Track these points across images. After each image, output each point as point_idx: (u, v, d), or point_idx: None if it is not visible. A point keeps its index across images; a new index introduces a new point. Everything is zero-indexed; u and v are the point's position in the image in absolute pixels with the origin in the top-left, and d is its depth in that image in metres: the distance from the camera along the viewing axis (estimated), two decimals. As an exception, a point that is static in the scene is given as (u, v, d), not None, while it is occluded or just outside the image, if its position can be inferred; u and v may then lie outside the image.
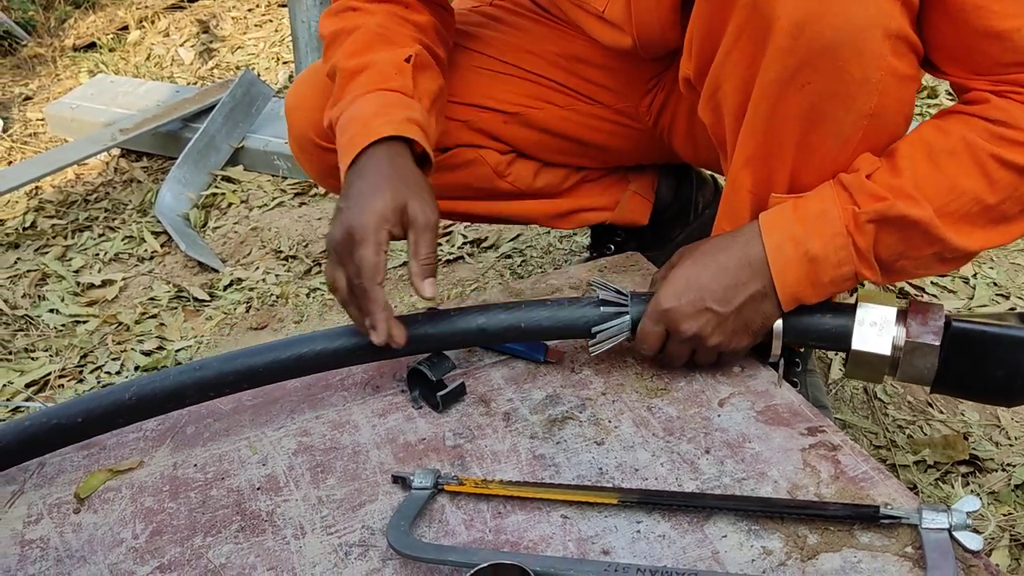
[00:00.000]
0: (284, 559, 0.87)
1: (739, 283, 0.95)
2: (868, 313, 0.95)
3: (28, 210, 2.45)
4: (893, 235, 0.91)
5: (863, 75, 0.86)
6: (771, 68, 0.88)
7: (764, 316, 0.97)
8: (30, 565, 0.90)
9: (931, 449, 1.29)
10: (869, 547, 0.81)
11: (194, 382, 1.00)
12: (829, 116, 0.89)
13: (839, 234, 0.91)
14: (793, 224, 0.93)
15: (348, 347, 1.02)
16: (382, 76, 1.07)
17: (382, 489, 0.94)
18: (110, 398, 0.99)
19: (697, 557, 0.82)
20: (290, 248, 2.10)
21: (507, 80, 1.30)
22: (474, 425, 1.02)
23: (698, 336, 0.97)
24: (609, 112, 1.34)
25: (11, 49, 3.56)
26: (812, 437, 0.94)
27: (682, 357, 1.01)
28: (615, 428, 0.99)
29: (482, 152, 1.31)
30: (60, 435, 0.99)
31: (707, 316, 0.96)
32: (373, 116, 1.02)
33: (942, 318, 0.93)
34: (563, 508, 0.89)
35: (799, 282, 0.94)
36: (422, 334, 1.02)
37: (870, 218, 0.90)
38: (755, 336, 0.99)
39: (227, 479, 0.98)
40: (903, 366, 0.94)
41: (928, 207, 0.89)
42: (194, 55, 3.32)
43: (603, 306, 1.01)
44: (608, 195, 1.45)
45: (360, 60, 1.08)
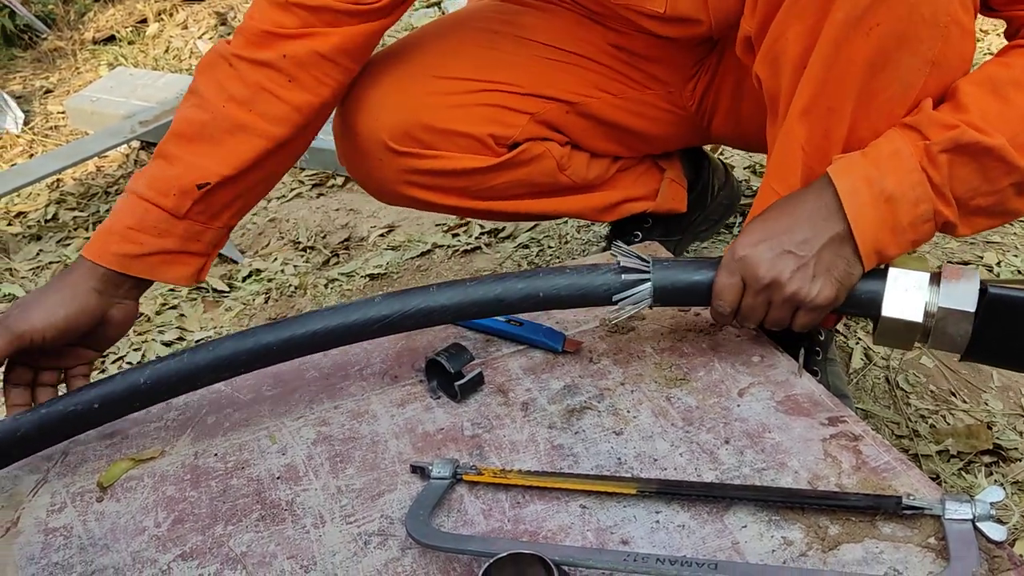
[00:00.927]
0: (304, 548, 0.88)
1: (817, 226, 0.90)
2: (899, 278, 0.91)
3: (50, 202, 2.47)
4: (968, 166, 0.87)
5: (932, 15, 0.85)
6: (841, 8, 0.86)
7: (847, 262, 0.91)
8: (53, 553, 0.91)
9: (954, 439, 1.28)
10: (891, 538, 0.80)
11: (209, 363, 0.98)
12: (893, 60, 0.87)
13: (914, 170, 0.87)
14: (865, 166, 0.89)
15: (362, 321, 0.99)
16: (161, 188, 1.06)
17: (401, 479, 0.95)
18: (126, 383, 0.99)
19: (717, 547, 0.82)
20: (308, 239, 2.11)
21: (566, 68, 1.28)
22: (492, 415, 1.02)
23: (776, 282, 0.91)
24: (657, 98, 1.32)
25: (32, 43, 3.59)
26: (833, 427, 0.94)
27: (758, 312, 0.94)
28: (634, 418, 0.98)
29: (548, 146, 1.30)
30: (77, 422, 0.99)
31: (785, 259, 0.90)
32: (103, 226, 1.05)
33: (977, 283, 0.89)
34: (582, 498, 0.89)
35: (877, 226, 0.89)
36: (438, 307, 0.99)
37: (943, 148, 0.87)
38: (838, 286, 0.91)
39: (247, 468, 0.99)
40: (935, 334, 0.90)
41: (1000, 136, 0.86)
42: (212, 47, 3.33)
43: (624, 273, 0.98)
44: (645, 184, 1.44)
45: (169, 147, 1.08)
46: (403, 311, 0.99)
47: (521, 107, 1.25)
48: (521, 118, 1.25)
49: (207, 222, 1.09)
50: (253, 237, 2.18)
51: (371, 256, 2.00)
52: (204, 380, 1.00)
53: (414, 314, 0.99)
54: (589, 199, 1.38)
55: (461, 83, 1.23)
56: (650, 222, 1.55)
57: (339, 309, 1.00)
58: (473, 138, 1.23)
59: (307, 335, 0.99)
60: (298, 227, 2.16)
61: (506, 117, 1.24)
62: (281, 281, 1.97)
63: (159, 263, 1.07)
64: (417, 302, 0.99)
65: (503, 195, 1.30)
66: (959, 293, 0.89)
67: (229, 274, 2.03)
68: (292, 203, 2.29)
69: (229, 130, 1.07)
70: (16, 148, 2.85)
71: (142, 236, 1.05)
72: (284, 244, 2.12)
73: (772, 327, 0.96)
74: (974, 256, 1.65)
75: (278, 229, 2.18)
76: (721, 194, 1.62)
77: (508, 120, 1.24)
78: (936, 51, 0.87)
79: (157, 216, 1.05)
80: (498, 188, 1.29)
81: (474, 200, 1.30)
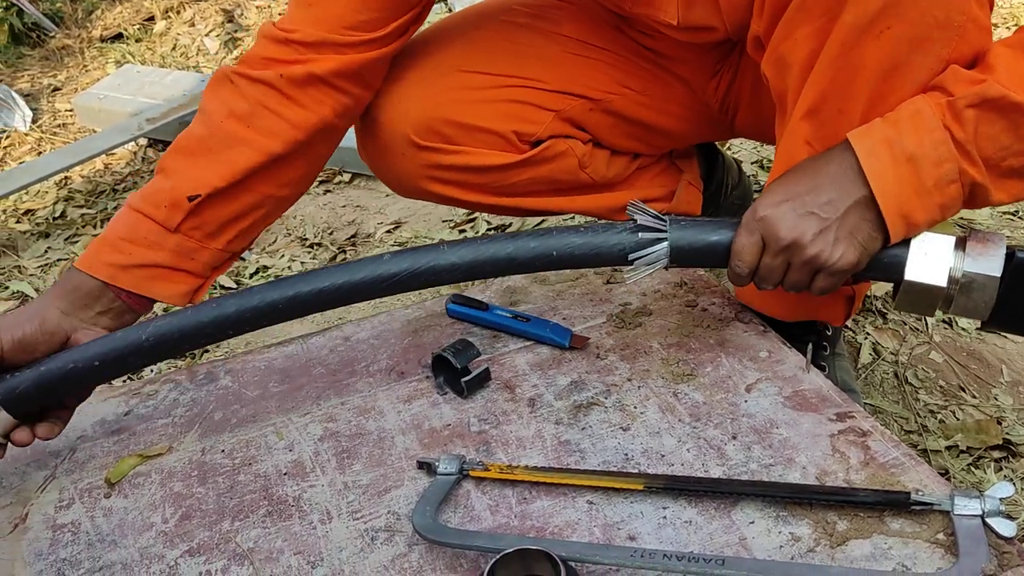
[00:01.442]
0: (311, 543, 0.88)
1: (841, 188, 0.87)
2: (924, 241, 0.88)
3: (58, 200, 2.48)
4: (996, 123, 0.84)
5: (947, 17, 0.83)
6: (850, 11, 0.85)
7: (871, 227, 0.87)
8: (62, 549, 0.92)
9: (963, 434, 1.27)
10: (900, 533, 0.80)
11: (212, 320, 0.96)
12: (905, 63, 0.86)
13: (936, 128, 0.84)
14: (884, 128, 0.86)
15: (370, 279, 0.97)
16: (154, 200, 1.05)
17: (407, 475, 0.95)
18: (127, 340, 0.96)
19: (724, 543, 0.81)
20: (315, 235, 2.11)
21: (591, 64, 1.27)
22: (499, 411, 1.02)
23: (797, 243, 0.88)
24: (680, 95, 1.32)
25: (40, 41, 3.60)
26: (841, 423, 0.93)
27: (776, 274, 0.91)
28: (641, 414, 0.98)
29: (571, 143, 1.29)
30: (76, 378, 0.96)
31: (809, 220, 0.87)
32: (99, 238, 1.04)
33: (1004, 248, 0.87)
34: (589, 494, 0.89)
35: (900, 187, 0.85)
36: (448, 265, 0.97)
37: (969, 102, 0.83)
38: (860, 251, 0.88)
39: (254, 464, 0.99)
40: (959, 300, 0.88)
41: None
42: (219, 44, 3.34)
43: (641, 232, 0.95)
44: (662, 185, 1.43)
45: (168, 161, 1.07)
46: (412, 269, 0.96)
47: (545, 104, 1.25)
48: (545, 115, 1.25)
49: (202, 240, 1.07)
50: (260, 234, 2.19)
51: (378, 252, 2.00)
52: (208, 338, 0.97)
53: (423, 272, 0.97)
54: (606, 198, 1.37)
55: (485, 78, 1.22)
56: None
57: (346, 267, 0.98)
58: (497, 134, 1.23)
59: (313, 292, 0.96)
60: (305, 223, 2.16)
61: (530, 114, 1.24)
62: (288, 278, 1.97)
63: (148, 277, 1.05)
64: (427, 260, 0.96)
65: (523, 192, 1.29)
66: (985, 258, 0.86)
67: (236, 271, 2.04)
68: (299, 200, 2.29)
69: (226, 143, 1.07)
70: (24, 146, 2.85)
71: (133, 247, 1.03)
72: (291, 240, 2.12)
73: (790, 289, 0.93)
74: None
75: (285, 226, 2.18)
76: (734, 193, 1.61)
77: (532, 117, 1.23)
78: (951, 49, 0.85)
79: (148, 228, 1.04)
80: (519, 185, 1.28)
81: (494, 196, 1.29)
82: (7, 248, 2.27)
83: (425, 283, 0.97)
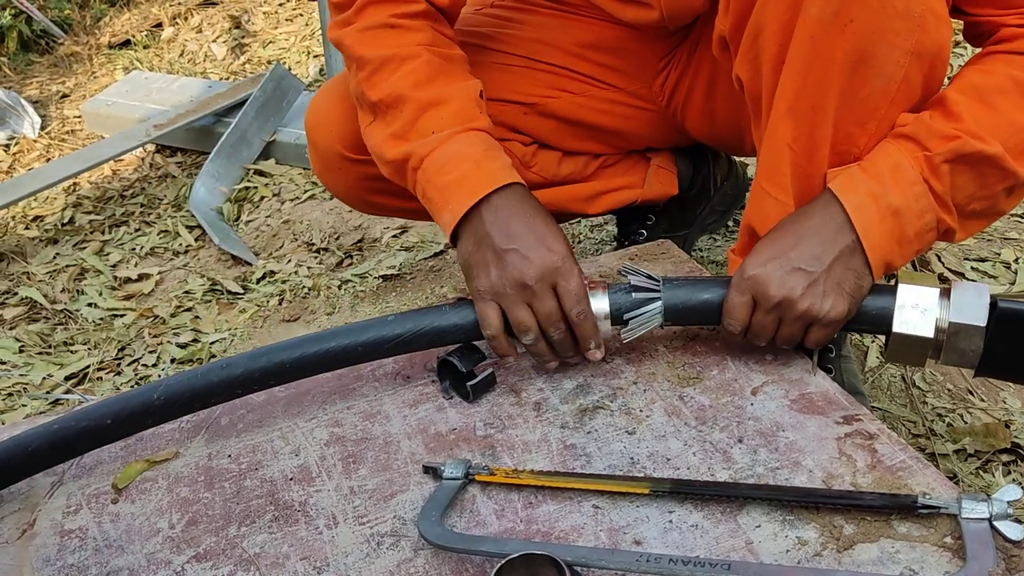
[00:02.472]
0: (317, 549, 0.88)
1: (826, 241, 0.91)
2: (909, 294, 0.91)
3: (66, 206, 2.49)
4: (967, 174, 0.89)
5: (906, 8, 0.86)
6: (814, 4, 0.87)
7: (856, 275, 0.91)
8: (69, 555, 0.92)
9: (971, 437, 1.26)
10: (907, 537, 0.79)
11: (221, 380, 0.99)
12: (872, 55, 0.88)
13: (916, 182, 0.89)
14: (868, 182, 0.91)
15: (375, 340, 1.01)
16: (467, 115, 1.05)
17: (413, 479, 0.95)
18: (139, 399, 0.99)
19: (730, 547, 0.81)
20: (322, 240, 2.12)
21: (522, 73, 1.30)
22: (505, 415, 1.02)
23: (787, 300, 0.91)
24: (623, 95, 1.33)
25: (48, 48, 3.62)
26: (848, 426, 0.93)
27: (769, 330, 0.95)
28: (647, 417, 0.98)
29: (507, 145, 1.30)
30: (90, 438, 0.99)
31: (796, 276, 0.91)
32: (486, 159, 1.02)
33: (988, 297, 0.90)
34: (594, 498, 0.89)
35: (886, 239, 0.90)
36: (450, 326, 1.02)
37: (945, 159, 0.88)
38: (850, 300, 0.92)
39: (260, 469, 0.99)
40: (947, 349, 0.91)
41: (996, 143, 0.88)
42: (226, 50, 3.35)
43: (635, 292, 0.99)
44: (632, 175, 1.44)
45: (431, 92, 1.05)
46: (416, 330, 1.01)
47: None
48: None
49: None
50: (267, 239, 2.19)
51: (384, 257, 2.00)
52: (217, 398, 1.01)
53: (426, 333, 1.01)
54: (568, 191, 1.38)
55: None
56: (653, 219, 1.55)
57: (350, 329, 1.02)
58: None
59: (320, 354, 1.00)
60: (312, 229, 2.17)
61: None
62: (295, 283, 1.97)
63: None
64: (428, 321, 1.01)
65: None
66: (970, 307, 0.90)
67: (243, 276, 2.04)
68: (305, 205, 2.29)
69: (448, 69, 1.09)
70: (33, 152, 2.87)
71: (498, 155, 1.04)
72: (298, 246, 2.13)
73: (783, 344, 0.97)
74: (991, 252, 1.64)
75: (292, 231, 2.19)
76: (726, 184, 1.61)
77: None
78: (913, 41, 0.88)
79: (491, 141, 1.06)
80: None
81: None
82: (16, 254, 2.28)
83: (429, 344, 1.03)
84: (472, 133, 1.04)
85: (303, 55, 3.22)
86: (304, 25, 3.43)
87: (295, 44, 3.31)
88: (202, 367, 1.02)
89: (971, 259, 1.62)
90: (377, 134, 1.09)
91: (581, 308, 0.98)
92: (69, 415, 1.00)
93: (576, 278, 0.98)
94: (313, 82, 2.98)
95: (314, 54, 3.19)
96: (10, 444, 0.98)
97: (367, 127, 1.11)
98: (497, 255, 0.98)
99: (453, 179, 1.01)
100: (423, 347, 1.03)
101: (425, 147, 1.03)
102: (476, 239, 1.00)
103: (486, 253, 0.99)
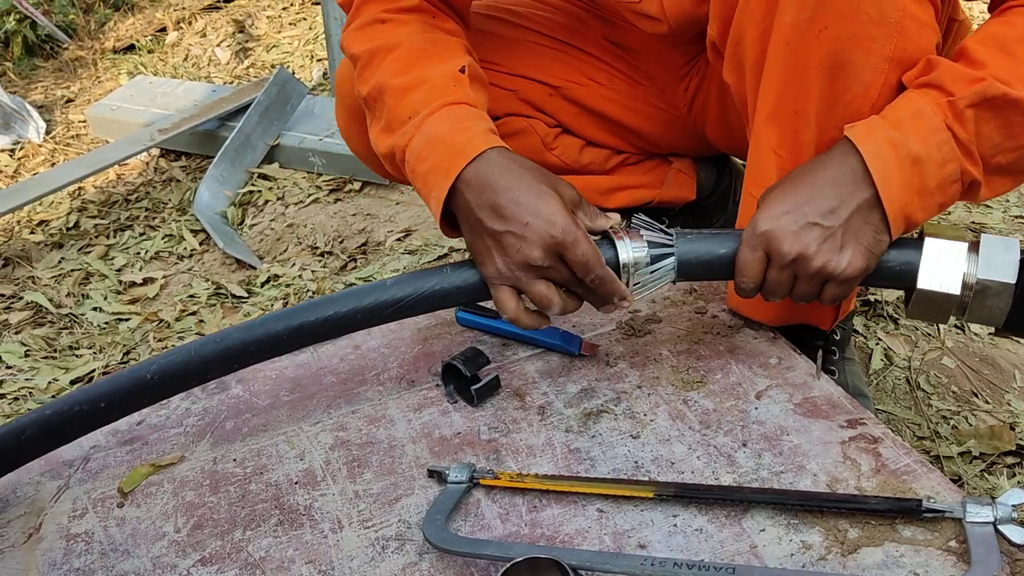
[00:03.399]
0: (322, 552, 0.88)
1: (843, 193, 0.86)
2: (936, 248, 0.86)
3: (71, 210, 2.50)
4: (993, 121, 0.84)
5: (880, 14, 0.84)
6: (788, 10, 0.87)
7: (875, 229, 0.87)
8: (75, 558, 0.92)
9: (976, 440, 1.26)
10: (912, 541, 0.79)
11: (216, 354, 0.96)
12: (849, 61, 0.87)
13: (939, 129, 0.84)
14: (887, 129, 0.86)
15: (373, 306, 0.96)
16: (441, 90, 0.99)
17: (418, 483, 0.95)
18: (132, 379, 0.96)
19: (735, 551, 0.81)
20: (326, 244, 2.12)
21: (552, 54, 1.30)
22: (509, 419, 1.02)
23: (802, 257, 0.87)
24: (647, 94, 1.33)
25: (53, 53, 3.63)
26: (852, 429, 0.93)
27: (784, 287, 0.90)
28: (651, 421, 0.98)
29: (531, 122, 1.30)
30: (83, 421, 0.96)
31: (812, 232, 0.86)
32: (454, 133, 0.96)
33: (1018, 253, 0.86)
34: (599, 502, 0.89)
35: (905, 190, 0.85)
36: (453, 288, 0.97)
37: (970, 102, 0.83)
38: (868, 256, 0.87)
39: (265, 474, 1.00)
40: (973, 306, 0.86)
41: (1023, 89, 0.83)
42: (230, 55, 3.36)
43: (649, 247, 0.94)
44: (652, 175, 1.44)
45: (409, 77, 1.01)
46: (418, 293, 0.96)
47: (501, 83, 1.25)
48: (502, 93, 1.25)
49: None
50: (271, 243, 2.19)
51: (388, 260, 2.01)
52: (213, 372, 0.98)
53: (429, 296, 0.96)
54: (587, 180, 1.38)
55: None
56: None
57: (346, 296, 0.97)
58: None
59: (318, 322, 0.96)
60: (316, 232, 2.17)
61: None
62: (299, 286, 1.98)
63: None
64: (432, 284, 0.96)
65: None
66: (999, 264, 0.85)
67: (247, 280, 2.05)
68: (309, 208, 2.30)
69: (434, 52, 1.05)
70: (38, 157, 2.88)
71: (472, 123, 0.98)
72: (302, 249, 2.13)
73: (799, 300, 0.92)
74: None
75: (296, 234, 2.19)
76: None
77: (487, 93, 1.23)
78: (892, 47, 0.86)
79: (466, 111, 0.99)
80: None
81: None
82: (21, 259, 2.29)
83: (431, 307, 0.97)
84: (444, 110, 0.98)
85: (307, 59, 3.22)
86: (308, 29, 3.43)
87: (299, 48, 3.32)
88: (195, 341, 0.98)
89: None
90: (372, 130, 1.06)
91: (595, 274, 0.92)
92: (60, 400, 0.97)
93: (581, 244, 0.91)
94: (317, 86, 2.98)
95: (318, 58, 3.19)
96: (2, 431, 0.96)
97: (369, 126, 1.09)
98: (494, 239, 0.93)
99: (430, 165, 0.96)
100: (426, 310, 0.98)
101: (404, 137, 0.99)
102: (469, 225, 0.95)
103: (483, 239, 0.94)
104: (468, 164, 0.93)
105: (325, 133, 2.45)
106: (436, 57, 1.03)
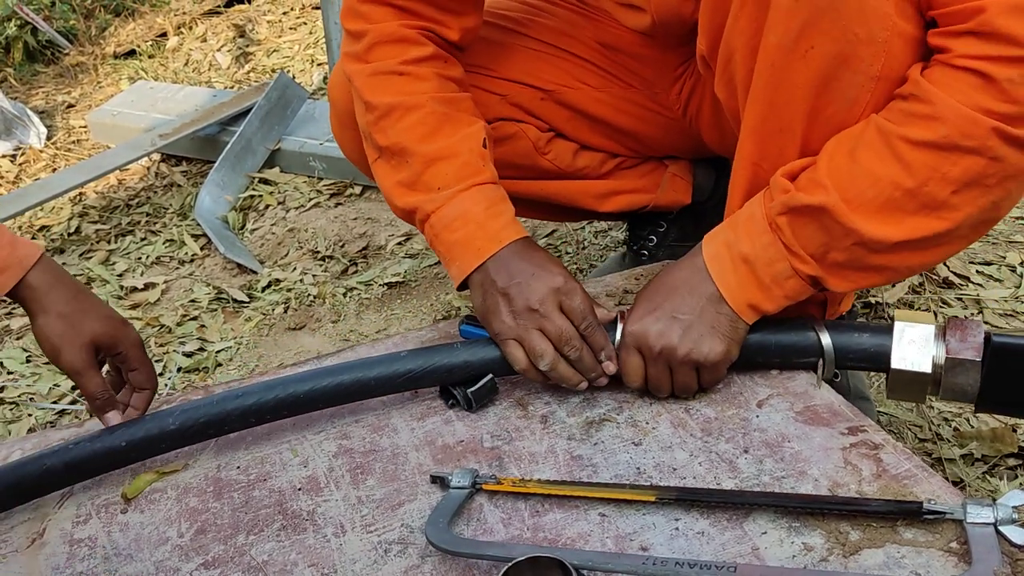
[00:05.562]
0: (325, 556, 0.88)
1: (692, 291, 0.97)
2: (905, 331, 0.94)
3: (73, 216, 2.51)
4: (808, 226, 0.90)
5: (868, 34, 0.84)
6: (774, 31, 0.87)
7: (729, 319, 0.95)
8: (79, 563, 0.92)
9: (978, 442, 1.27)
10: (913, 542, 0.80)
11: (235, 409, 1.01)
12: (836, 80, 0.87)
13: (764, 232, 0.92)
14: (726, 231, 0.96)
15: (387, 375, 1.03)
16: (471, 170, 1.07)
17: (421, 489, 0.95)
18: (154, 424, 1.01)
19: (737, 554, 0.82)
20: (327, 248, 2.12)
21: (544, 58, 1.30)
22: (511, 427, 1.02)
23: (668, 348, 0.96)
24: (641, 97, 1.33)
25: (54, 58, 3.64)
26: (853, 436, 0.93)
27: (663, 381, 0.99)
28: (653, 429, 0.98)
29: (522, 126, 1.30)
30: (104, 461, 1.00)
31: (671, 325, 0.96)
32: (489, 218, 1.05)
33: (981, 333, 0.92)
34: (601, 506, 0.89)
35: (742, 285, 0.94)
36: (460, 363, 1.05)
37: (778, 211, 0.91)
38: (728, 341, 0.96)
39: (269, 480, 1.00)
40: (945, 383, 0.92)
41: (833, 193, 0.87)
42: (231, 59, 3.36)
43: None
44: (647, 179, 1.44)
45: (436, 146, 1.08)
46: (427, 366, 1.03)
47: (491, 88, 1.26)
48: (491, 98, 1.26)
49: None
50: (272, 247, 2.20)
51: (389, 264, 2.01)
52: (231, 425, 1.02)
53: (437, 369, 1.03)
54: (582, 185, 1.38)
55: None
56: (664, 225, 1.55)
57: (362, 364, 1.04)
58: None
59: (332, 386, 1.02)
60: (316, 236, 2.18)
61: (475, 95, 1.24)
62: (300, 291, 1.98)
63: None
64: (440, 358, 1.04)
65: None
66: (964, 343, 0.91)
67: (249, 284, 2.05)
68: (310, 212, 2.30)
69: (453, 116, 1.11)
70: (39, 163, 2.89)
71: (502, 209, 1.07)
72: (303, 254, 2.14)
73: (682, 393, 1.01)
74: (997, 256, 1.64)
75: (297, 239, 2.20)
76: None
77: (477, 98, 1.24)
78: (879, 66, 0.86)
79: (495, 193, 1.08)
80: None
81: None
82: (23, 264, 2.29)
83: (439, 381, 1.05)
84: (475, 189, 1.06)
85: (307, 63, 3.23)
86: (308, 34, 3.44)
87: (299, 53, 3.32)
88: (217, 394, 1.03)
89: (976, 263, 1.63)
90: (384, 177, 1.12)
91: (589, 321, 1.01)
92: (85, 439, 1.00)
93: (579, 294, 1.02)
94: (317, 90, 2.99)
95: (318, 62, 3.20)
96: (27, 462, 0.99)
97: (373, 162, 1.14)
98: (503, 294, 1.02)
99: (459, 238, 1.05)
100: (433, 383, 1.05)
101: (432, 203, 1.06)
102: (483, 290, 1.04)
103: (495, 298, 1.03)
104: (499, 251, 1.04)
105: (326, 137, 2.46)
106: (458, 123, 1.10)
